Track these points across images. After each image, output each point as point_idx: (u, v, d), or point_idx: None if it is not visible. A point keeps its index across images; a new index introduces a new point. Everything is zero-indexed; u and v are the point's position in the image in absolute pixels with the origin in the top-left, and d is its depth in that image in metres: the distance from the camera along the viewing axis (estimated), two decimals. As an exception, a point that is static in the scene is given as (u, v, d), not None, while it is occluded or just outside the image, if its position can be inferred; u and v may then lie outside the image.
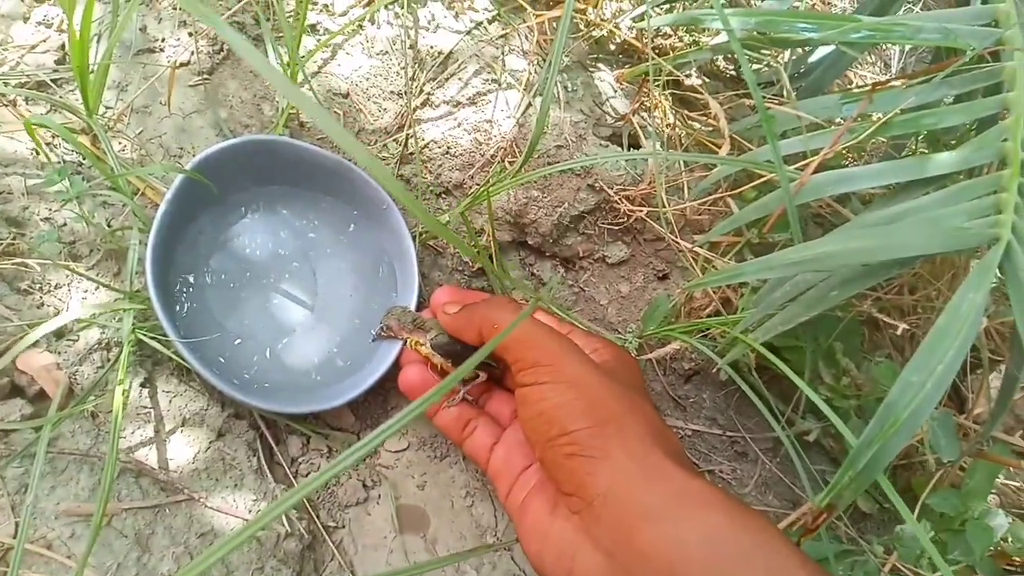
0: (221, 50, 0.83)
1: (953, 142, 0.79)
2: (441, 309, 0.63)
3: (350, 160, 0.77)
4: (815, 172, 0.64)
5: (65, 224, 0.72)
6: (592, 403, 0.50)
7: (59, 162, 0.73)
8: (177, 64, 0.80)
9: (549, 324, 0.59)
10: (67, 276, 0.70)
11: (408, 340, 0.66)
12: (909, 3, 1.26)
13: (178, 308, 0.72)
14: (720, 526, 0.44)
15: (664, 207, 0.78)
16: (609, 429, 0.48)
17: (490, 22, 0.88)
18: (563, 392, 0.50)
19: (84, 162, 0.74)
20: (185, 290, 0.73)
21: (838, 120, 0.75)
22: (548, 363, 0.51)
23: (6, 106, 0.74)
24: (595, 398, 0.50)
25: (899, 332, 0.58)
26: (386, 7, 0.85)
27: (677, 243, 0.78)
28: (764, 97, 0.86)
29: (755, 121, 0.81)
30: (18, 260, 0.68)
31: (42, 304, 0.68)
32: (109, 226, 0.73)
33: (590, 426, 0.48)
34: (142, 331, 0.68)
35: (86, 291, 0.70)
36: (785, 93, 0.85)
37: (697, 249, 0.77)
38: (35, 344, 0.66)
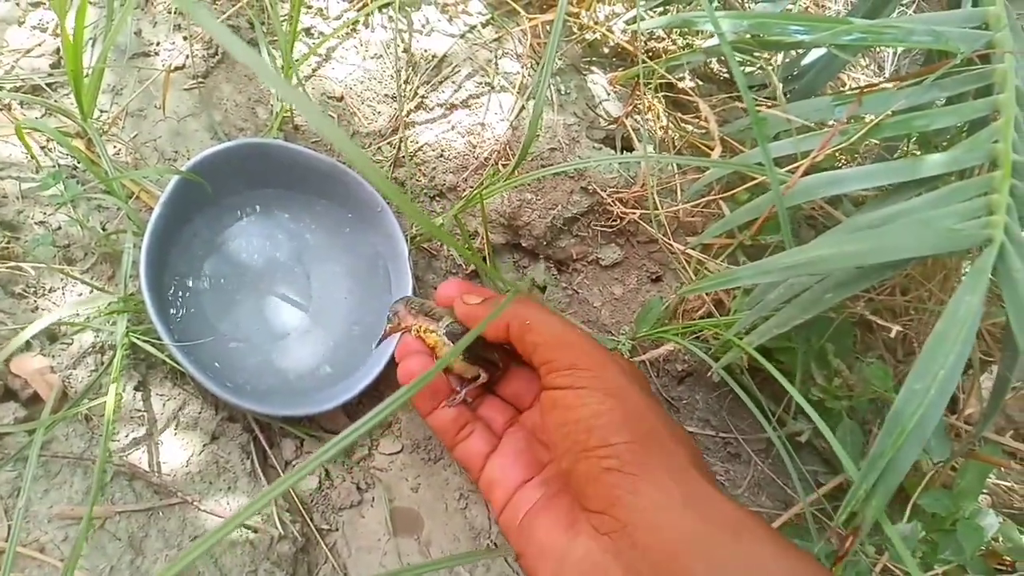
0: (216, 54, 0.83)
1: (945, 144, 0.79)
2: (460, 299, 0.57)
3: (344, 163, 0.77)
4: (806, 174, 0.65)
5: (59, 228, 0.72)
6: (633, 416, 0.46)
7: (54, 166, 0.73)
8: (172, 68, 0.81)
9: None
10: (61, 280, 0.70)
11: (414, 328, 0.60)
12: (903, 5, 1.26)
13: (173, 311, 0.72)
14: (769, 558, 0.41)
15: (657, 209, 0.78)
16: (650, 447, 0.45)
17: (484, 25, 0.88)
18: (603, 400, 0.46)
19: (79, 166, 0.74)
20: (180, 293, 0.73)
21: (831, 122, 0.75)
22: (586, 367, 0.47)
23: (1, 110, 0.74)
24: (636, 411, 0.46)
25: (892, 335, 0.58)
26: (379, 10, 0.85)
27: (670, 245, 0.79)
28: (756, 99, 0.87)
29: (747, 123, 0.82)
30: (12, 264, 0.68)
31: (36, 308, 0.68)
32: (104, 230, 0.73)
33: (631, 441, 0.45)
34: (136, 334, 0.68)
35: (80, 294, 0.70)
36: (778, 96, 0.86)
37: (690, 251, 0.77)
38: (29, 348, 0.66)
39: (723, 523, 0.42)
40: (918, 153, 0.81)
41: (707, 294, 0.76)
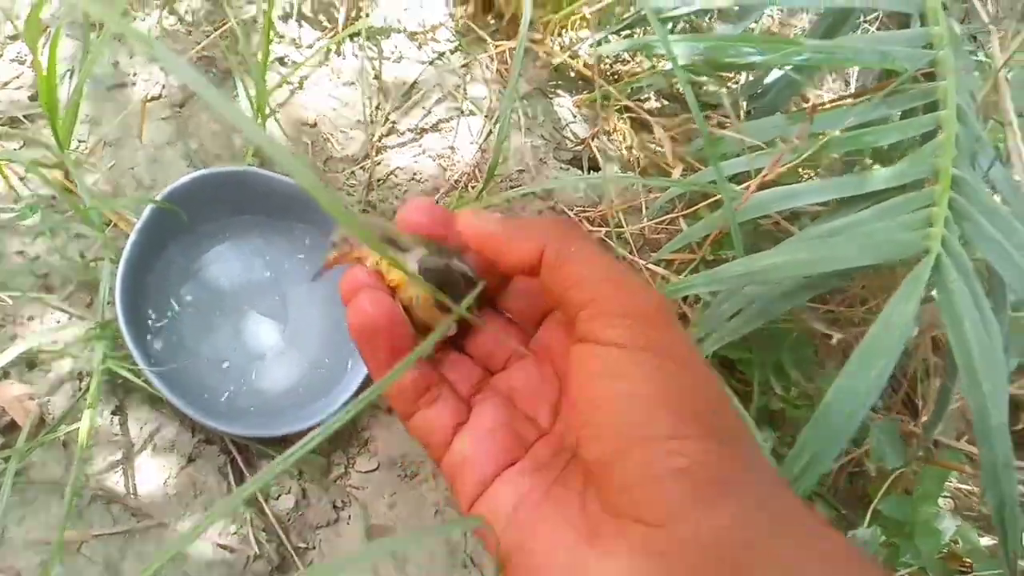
0: (191, 84, 0.85)
1: (898, 158, 0.82)
2: (472, 214, 0.39)
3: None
4: (760, 190, 0.67)
5: (38, 257, 0.74)
6: (710, 402, 0.32)
7: (32, 196, 0.75)
8: (149, 98, 0.83)
9: None
10: (40, 308, 0.71)
11: (371, 259, 0.40)
12: (866, 23, 1.30)
13: (149, 337, 0.73)
14: None
15: (622, 227, 0.81)
16: (733, 447, 0.32)
17: (452, 52, 0.91)
18: (674, 373, 0.32)
19: (57, 196, 0.76)
20: (157, 319, 0.75)
21: (794, 139, 0.78)
22: (646, 320, 0.33)
23: (-20, 143, 0.76)
24: (712, 396, 0.33)
25: (834, 342, 0.60)
26: (351, 39, 0.88)
27: (635, 262, 0.81)
28: (718, 118, 0.89)
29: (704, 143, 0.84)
30: (-10, 294, 0.70)
31: (15, 336, 0.70)
32: (82, 258, 0.74)
33: (708, 436, 0.31)
34: (113, 360, 0.69)
35: (58, 322, 0.72)
36: (740, 115, 0.89)
37: (654, 267, 0.79)
38: (7, 376, 0.67)
39: (825, 557, 0.30)
40: (876, 168, 0.84)
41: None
